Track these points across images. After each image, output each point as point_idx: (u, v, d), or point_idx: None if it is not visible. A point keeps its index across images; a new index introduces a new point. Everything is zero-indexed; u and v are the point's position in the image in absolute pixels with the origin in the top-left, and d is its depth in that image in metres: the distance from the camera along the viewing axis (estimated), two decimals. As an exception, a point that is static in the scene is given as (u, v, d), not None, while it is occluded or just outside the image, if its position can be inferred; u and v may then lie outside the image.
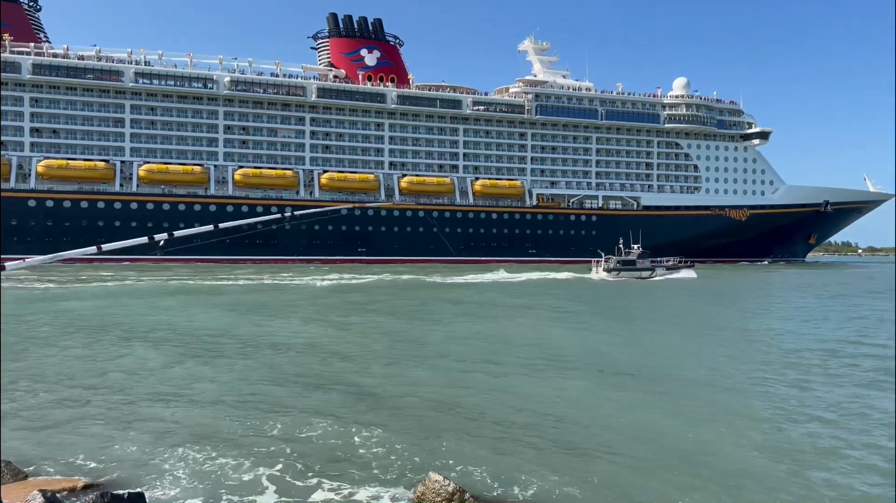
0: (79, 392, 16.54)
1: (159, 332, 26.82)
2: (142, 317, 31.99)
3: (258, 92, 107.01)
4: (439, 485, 9.73)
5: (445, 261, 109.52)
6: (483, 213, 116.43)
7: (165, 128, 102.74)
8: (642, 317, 36.70)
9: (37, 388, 16.72)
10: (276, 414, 14.63)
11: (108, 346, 23.42)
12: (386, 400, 16.18)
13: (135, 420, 14.15)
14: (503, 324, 30.89)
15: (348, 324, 30.15)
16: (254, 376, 18.76)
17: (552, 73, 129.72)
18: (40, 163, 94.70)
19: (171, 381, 17.98)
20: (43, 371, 18.97)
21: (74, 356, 21.46)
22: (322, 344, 24.49)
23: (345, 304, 40.20)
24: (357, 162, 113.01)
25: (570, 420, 14.56)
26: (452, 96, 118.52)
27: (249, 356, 21.87)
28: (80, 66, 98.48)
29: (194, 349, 23.15)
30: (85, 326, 28.10)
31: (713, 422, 14.34)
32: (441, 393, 16.81)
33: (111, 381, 17.91)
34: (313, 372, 19.44)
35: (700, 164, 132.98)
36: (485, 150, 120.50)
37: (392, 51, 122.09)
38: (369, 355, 22.16)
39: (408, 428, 13.70)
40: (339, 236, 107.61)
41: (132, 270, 73.63)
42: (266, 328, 28.38)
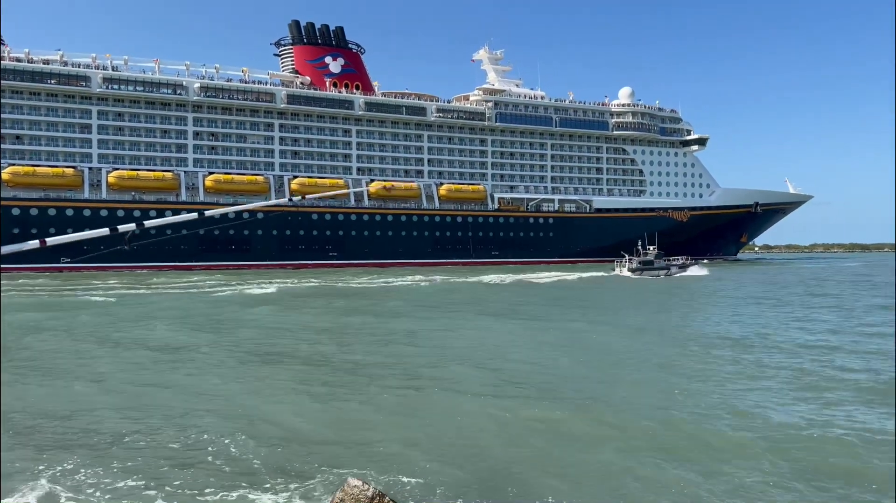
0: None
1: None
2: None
3: (227, 98, 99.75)
4: (358, 489, 9.17)
5: (415, 264, 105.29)
6: (449, 217, 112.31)
7: (134, 133, 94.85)
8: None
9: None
10: (168, 423, 13.28)
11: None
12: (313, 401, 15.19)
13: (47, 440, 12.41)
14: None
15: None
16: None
17: (506, 81, 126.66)
18: (5, 169, 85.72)
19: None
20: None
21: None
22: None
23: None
24: (326, 167, 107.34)
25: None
26: (417, 103, 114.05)
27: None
28: (45, 70, 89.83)
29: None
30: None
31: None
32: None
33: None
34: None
35: (645, 168, 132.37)
36: (448, 155, 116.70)
37: (355, 58, 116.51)
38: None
39: (325, 432, 12.92)
40: (311, 241, 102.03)
41: (109, 278, 66.53)
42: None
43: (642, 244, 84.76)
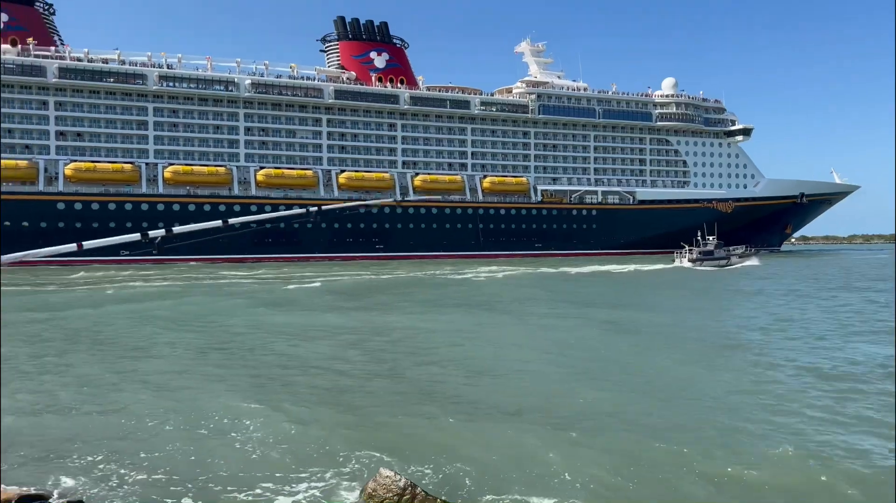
0: (22, 398, 15.17)
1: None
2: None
3: (277, 94, 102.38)
4: (390, 480, 9.39)
5: (459, 256, 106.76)
6: (492, 210, 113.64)
7: (188, 130, 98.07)
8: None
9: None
10: (216, 415, 13.57)
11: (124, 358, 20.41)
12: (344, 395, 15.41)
13: (79, 430, 12.89)
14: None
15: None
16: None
17: (548, 73, 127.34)
18: (67, 166, 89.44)
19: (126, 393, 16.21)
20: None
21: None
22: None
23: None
24: (372, 161, 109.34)
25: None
26: (461, 97, 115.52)
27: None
28: (104, 69, 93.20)
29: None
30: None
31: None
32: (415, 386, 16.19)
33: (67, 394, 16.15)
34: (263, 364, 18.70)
35: (688, 159, 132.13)
36: (491, 148, 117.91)
37: (399, 53, 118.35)
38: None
39: (360, 423, 13.09)
40: (358, 234, 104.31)
41: (161, 270, 69.38)
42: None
43: (701, 235, 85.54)
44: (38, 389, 16.26)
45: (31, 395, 15.51)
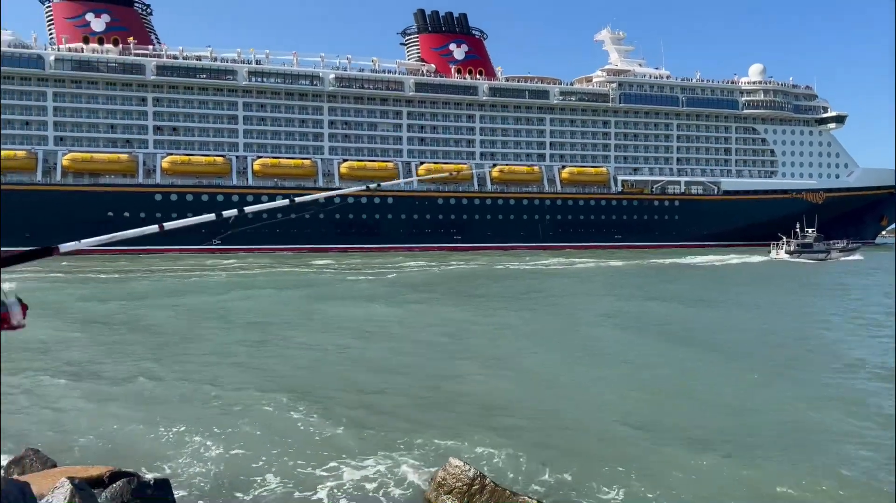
0: (113, 382, 16.20)
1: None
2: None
3: (359, 88, 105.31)
4: (460, 470, 9.48)
5: (537, 247, 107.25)
6: (570, 201, 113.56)
7: (275, 123, 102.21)
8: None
9: (75, 378, 16.48)
10: (295, 399, 14.15)
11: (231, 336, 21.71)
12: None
13: (162, 410, 13.61)
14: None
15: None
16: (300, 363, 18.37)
17: (629, 62, 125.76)
18: (164, 159, 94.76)
19: (202, 372, 17.48)
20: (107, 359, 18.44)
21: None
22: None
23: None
24: (451, 153, 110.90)
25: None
26: (540, 87, 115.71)
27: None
28: (197, 66, 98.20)
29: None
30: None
31: None
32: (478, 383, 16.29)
33: (145, 373, 17.55)
34: (333, 355, 19.01)
35: (776, 148, 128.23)
36: (570, 138, 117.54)
37: (478, 44, 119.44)
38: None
39: (432, 414, 13.16)
40: (436, 224, 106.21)
41: (268, 258, 72.93)
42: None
43: (799, 226, 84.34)
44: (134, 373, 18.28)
45: (130, 376, 17.39)
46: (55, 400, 14.64)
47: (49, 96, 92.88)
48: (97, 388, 15.85)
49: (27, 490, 6.68)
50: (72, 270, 55.83)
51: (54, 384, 16.06)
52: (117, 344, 22.41)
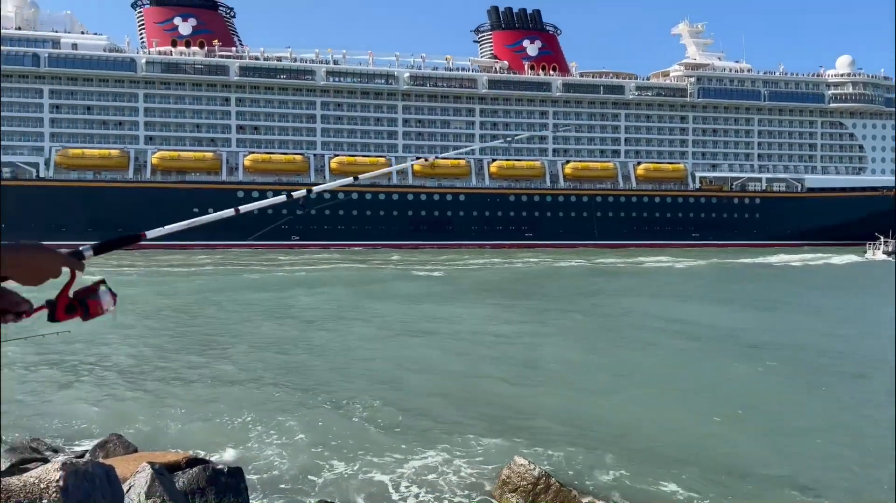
0: (188, 373, 16.83)
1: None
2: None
3: (433, 86, 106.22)
4: (524, 468, 9.40)
5: (611, 245, 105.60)
6: (646, 198, 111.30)
7: (352, 122, 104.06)
8: None
9: (149, 368, 17.24)
10: (352, 394, 14.39)
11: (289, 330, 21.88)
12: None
13: (229, 401, 14.00)
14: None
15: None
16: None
17: (708, 55, 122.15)
18: (246, 157, 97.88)
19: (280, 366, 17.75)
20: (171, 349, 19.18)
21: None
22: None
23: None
24: (523, 150, 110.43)
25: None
26: (615, 82, 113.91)
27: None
28: (278, 66, 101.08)
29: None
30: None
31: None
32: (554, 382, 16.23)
33: (223, 365, 18.10)
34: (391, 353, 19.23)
35: (865, 143, 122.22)
36: (646, 134, 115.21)
37: (552, 40, 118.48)
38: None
39: (496, 412, 13.16)
40: (508, 221, 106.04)
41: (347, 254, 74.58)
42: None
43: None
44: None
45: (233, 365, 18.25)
46: (134, 388, 15.54)
47: (140, 97, 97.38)
48: (171, 378, 16.72)
49: (112, 473, 7.23)
50: (150, 264, 58.40)
51: (132, 372, 17.02)
52: (190, 336, 23.50)
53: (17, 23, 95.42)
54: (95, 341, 20.85)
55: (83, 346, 19.66)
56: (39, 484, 6.70)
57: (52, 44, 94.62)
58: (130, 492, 7.45)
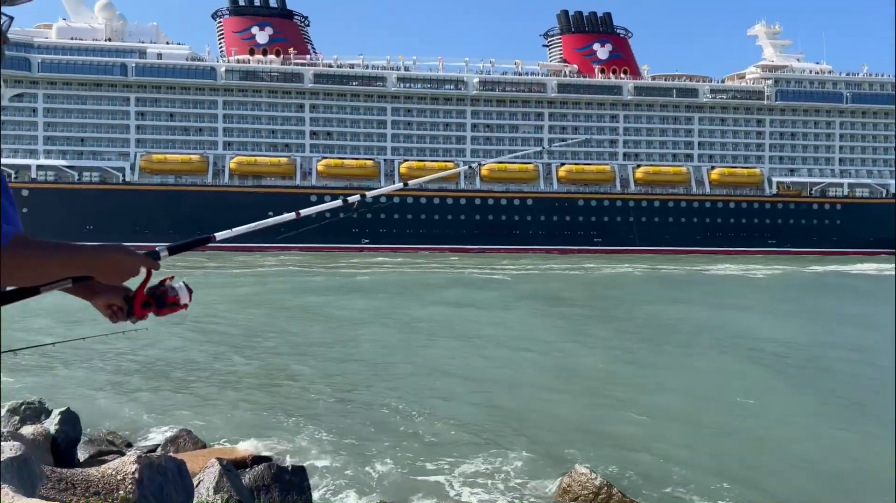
0: (253, 373, 17.29)
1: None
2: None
3: (502, 91, 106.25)
4: (586, 478, 9.17)
5: (682, 251, 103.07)
6: (720, 203, 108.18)
7: (421, 128, 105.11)
8: None
9: (227, 370, 17.58)
10: (403, 399, 14.32)
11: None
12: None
13: (289, 401, 14.32)
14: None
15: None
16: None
17: (786, 56, 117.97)
18: (319, 162, 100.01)
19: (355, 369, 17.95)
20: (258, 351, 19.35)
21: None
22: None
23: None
24: (592, 154, 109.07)
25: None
26: (688, 85, 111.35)
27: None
28: (349, 73, 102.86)
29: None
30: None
31: None
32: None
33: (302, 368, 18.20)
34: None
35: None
36: (721, 137, 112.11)
37: (622, 43, 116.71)
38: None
39: (548, 420, 12.99)
40: (576, 226, 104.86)
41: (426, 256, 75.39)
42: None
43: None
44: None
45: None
46: (202, 385, 16.16)
47: (220, 104, 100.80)
48: (236, 377, 17.32)
49: (183, 468, 7.57)
50: (219, 266, 60.19)
51: (200, 371, 17.69)
52: (254, 337, 24.19)
53: (107, 34, 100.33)
54: (165, 341, 21.74)
55: (153, 345, 20.52)
56: (116, 475, 7.07)
57: (138, 54, 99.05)
58: (200, 487, 7.78)
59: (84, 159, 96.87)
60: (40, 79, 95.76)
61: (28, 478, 6.70)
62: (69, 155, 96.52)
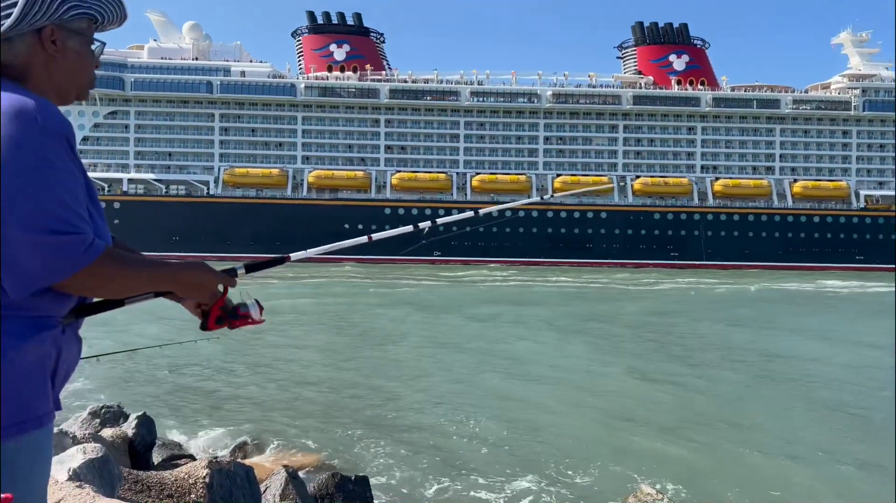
0: (317, 382, 17.48)
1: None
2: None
3: (575, 103, 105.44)
4: (652, 498, 8.80)
5: (763, 266, 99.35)
6: (804, 217, 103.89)
7: (493, 141, 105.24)
8: None
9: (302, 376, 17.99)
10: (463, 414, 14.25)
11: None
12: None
13: (370, 413, 14.42)
14: None
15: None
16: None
17: (873, 65, 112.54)
18: (394, 175, 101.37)
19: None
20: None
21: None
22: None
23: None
24: (668, 166, 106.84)
25: None
26: (770, 95, 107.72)
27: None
28: (423, 88, 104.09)
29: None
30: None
31: None
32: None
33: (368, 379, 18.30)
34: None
35: None
36: (804, 150, 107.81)
37: (700, 54, 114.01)
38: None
39: (625, 433, 12.92)
40: (651, 240, 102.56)
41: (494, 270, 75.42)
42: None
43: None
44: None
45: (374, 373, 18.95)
46: (268, 393, 16.54)
47: (299, 120, 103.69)
48: (301, 386, 17.60)
49: (251, 474, 7.79)
50: (295, 275, 61.45)
51: (267, 378, 18.10)
52: (329, 346, 24.59)
53: (194, 54, 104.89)
54: (239, 348, 22.45)
55: (224, 354, 21.16)
56: (188, 479, 7.34)
57: (223, 72, 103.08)
58: (267, 493, 7.98)
59: (171, 173, 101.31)
60: (133, 97, 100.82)
61: (108, 479, 7.01)
62: (157, 169, 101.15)
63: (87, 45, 2.14)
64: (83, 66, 2.15)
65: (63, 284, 1.90)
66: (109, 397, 11.94)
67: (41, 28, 2.01)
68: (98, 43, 2.19)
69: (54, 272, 1.85)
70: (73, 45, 2.09)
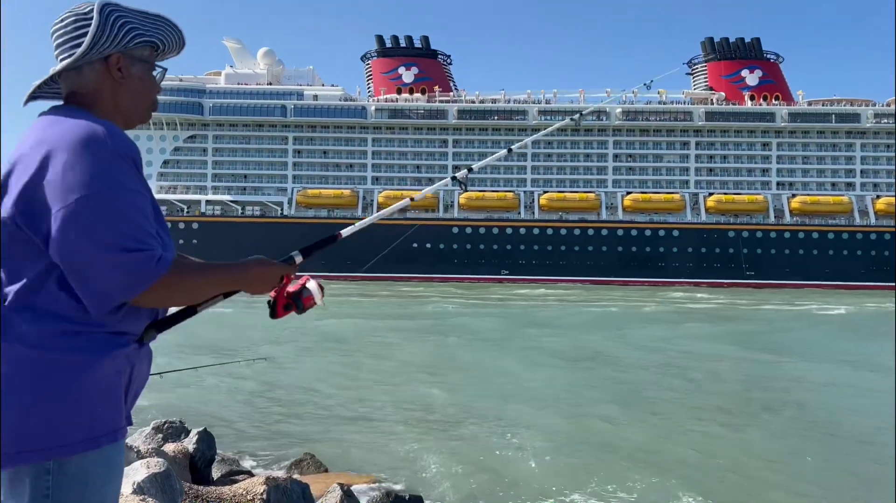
0: (370, 398, 17.44)
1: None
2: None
3: (645, 120, 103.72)
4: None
5: (845, 286, 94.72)
6: (887, 234, 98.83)
7: (561, 159, 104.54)
8: None
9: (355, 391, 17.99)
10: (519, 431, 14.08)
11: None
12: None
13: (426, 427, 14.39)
14: None
15: None
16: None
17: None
18: (461, 195, 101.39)
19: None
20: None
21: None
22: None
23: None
24: (743, 183, 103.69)
25: None
26: (849, 110, 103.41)
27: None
28: (490, 108, 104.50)
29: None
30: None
31: None
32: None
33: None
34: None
35: None
36: (886, 164, 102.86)
37: (773, 68, 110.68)
38: None
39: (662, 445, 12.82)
40: (726, 258, 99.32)
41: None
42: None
43: None
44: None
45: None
46: (324, 410, 16.58)
47: (369, 142, 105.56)
48: (356, 402, 17.60)
49: (307, 491, 7.77)
50: (369, 293, 62.20)
51: (320, 395, 18.20)
52: (374, 365, 24.42)
53: (269, 79, 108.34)
54: (291, 365, 22.76)
55: (280, 371, 21.38)
56: (246, 495, 7.39)
57: (296, 96, 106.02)
58: (322, 511, 7.95)
59: (247, 194, 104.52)
60: (211, 121, 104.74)
61: (170, 493, 7.11)
62: (234, 190, 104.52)
63: (149, 71, 2.24)
64: (146, 91, 2.25)
65: (140, 299, 1.98)
66: (171, 412, 12.23)
67: (108, 56, 2.11)
68: (159, 69, 2.29)
69: (131, 287, 1.93)
70: (137, 71, 2.20)
